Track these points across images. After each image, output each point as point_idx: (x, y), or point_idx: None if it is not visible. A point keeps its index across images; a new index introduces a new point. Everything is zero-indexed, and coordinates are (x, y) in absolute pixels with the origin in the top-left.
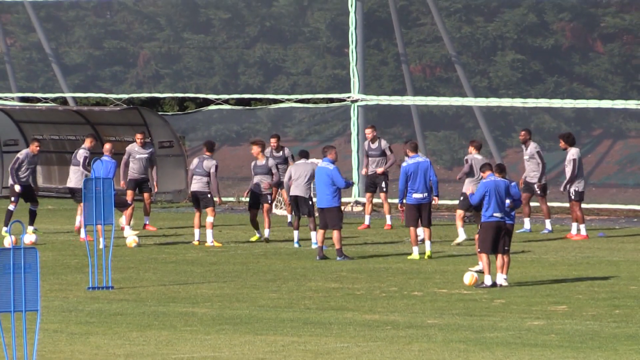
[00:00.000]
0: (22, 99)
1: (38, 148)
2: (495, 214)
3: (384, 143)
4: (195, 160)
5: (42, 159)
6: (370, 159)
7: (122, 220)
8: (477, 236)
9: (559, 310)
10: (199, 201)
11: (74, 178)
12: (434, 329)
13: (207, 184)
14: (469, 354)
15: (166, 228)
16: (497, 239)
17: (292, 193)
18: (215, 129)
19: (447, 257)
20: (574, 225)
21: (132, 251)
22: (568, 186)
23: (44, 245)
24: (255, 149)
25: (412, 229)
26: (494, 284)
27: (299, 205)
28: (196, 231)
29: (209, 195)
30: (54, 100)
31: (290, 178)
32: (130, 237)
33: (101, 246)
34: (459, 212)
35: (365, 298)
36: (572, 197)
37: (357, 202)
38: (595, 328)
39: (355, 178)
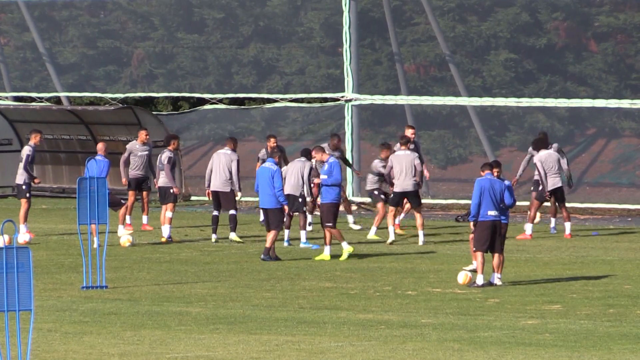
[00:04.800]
0: (16, 99)
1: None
2: (490, 213)
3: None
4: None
5: (36, 159)
6: None
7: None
8: (471, 236)
9: (553, 309)
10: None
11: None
12: (428, 328)
13: (167, 179)
14: (463, 353)
15: (158, 228)
16: (493, 238)
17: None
18: (209, 129)
19: (441, 256)
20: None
21: (126, 250)
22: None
23: (38, 244)
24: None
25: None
26: (489, 283)
27: (290, 202)
28: (164, 227)
29: (171, 191)
30: (48, 99)
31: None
32: (124, 237)
33: (95, 245)
34: (392, 209)
35: (359, 297)
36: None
37: (351, 202)
38: (590, 327)
39: (349, 177)
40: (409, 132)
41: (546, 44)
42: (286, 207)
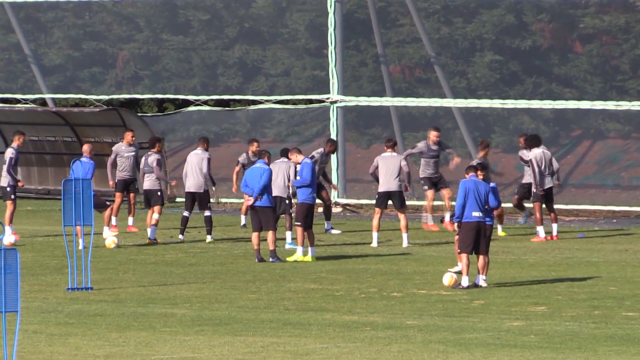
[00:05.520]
0: (1, 100)
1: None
2: (474, 214)
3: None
4: (142, 159)
5: (21, 160)
6: (432, 160)
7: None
8: (456, 237)
9: (538, 311)
10: (150, 199)
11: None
12: (413, 329)
13: (156, 181)
14: (448, 354)
15: (143, 230)
16: (478, 239)
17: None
18: (194, 130)
19: (426, 258)
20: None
21: (111, 252)
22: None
23: (23, 246)
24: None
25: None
26: (475, 285)
27: (276, 204)
28: (149, 229)
29: (158, 194)
30: (33, 101)
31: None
32: (109, 238)
33: (80, 247)
34: (377, 210)
35: (344, 299)
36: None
37: (336, 204)
38: (575, 329)
39: (334, 179)
40: (433, 134)
41: (531, 45)
42: (251, 198)
